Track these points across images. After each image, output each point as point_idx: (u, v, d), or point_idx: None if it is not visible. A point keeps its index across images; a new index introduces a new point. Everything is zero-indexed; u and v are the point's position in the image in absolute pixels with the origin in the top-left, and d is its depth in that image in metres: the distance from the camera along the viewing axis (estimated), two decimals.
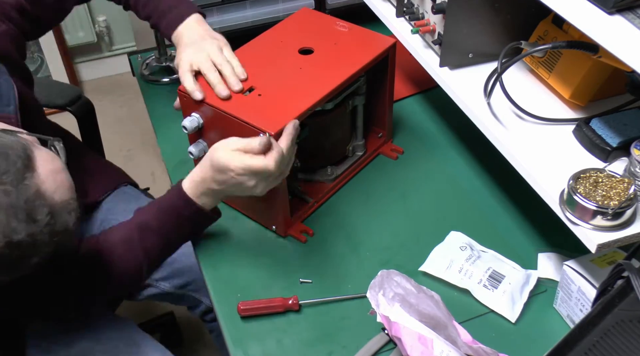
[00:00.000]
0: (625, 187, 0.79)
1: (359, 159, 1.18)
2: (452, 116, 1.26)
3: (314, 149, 1.12)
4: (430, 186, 1.15)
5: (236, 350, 0.91)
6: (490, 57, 1.04)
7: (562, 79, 0.95)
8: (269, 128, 0.92)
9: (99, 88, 2.78)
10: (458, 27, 0.99)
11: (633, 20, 0.66)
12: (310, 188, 1.13)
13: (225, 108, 0.96)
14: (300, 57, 1.07)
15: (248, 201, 1.08)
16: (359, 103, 1.12)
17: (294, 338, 0.92)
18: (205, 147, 1.04)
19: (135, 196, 1.28)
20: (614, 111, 0.93)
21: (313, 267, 1.02)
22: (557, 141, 0.92)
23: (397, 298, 0.85)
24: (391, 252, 1.04)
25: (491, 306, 0.94)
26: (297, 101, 0.97)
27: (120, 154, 2.33)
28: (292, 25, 1.15)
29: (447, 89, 1.03)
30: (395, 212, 1.11)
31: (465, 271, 0.96)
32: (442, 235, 1.04)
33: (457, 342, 0.82)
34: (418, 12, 1.09)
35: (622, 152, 0.87)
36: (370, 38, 1.10)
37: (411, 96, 1.36)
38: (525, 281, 0.96)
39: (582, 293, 0.86)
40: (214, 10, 1.40)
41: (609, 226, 0.78)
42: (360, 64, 1.04)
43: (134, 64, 1.48)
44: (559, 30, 0.94)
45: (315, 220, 1.09)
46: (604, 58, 0.86)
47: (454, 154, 1.21)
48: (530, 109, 0.94)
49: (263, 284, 1.00)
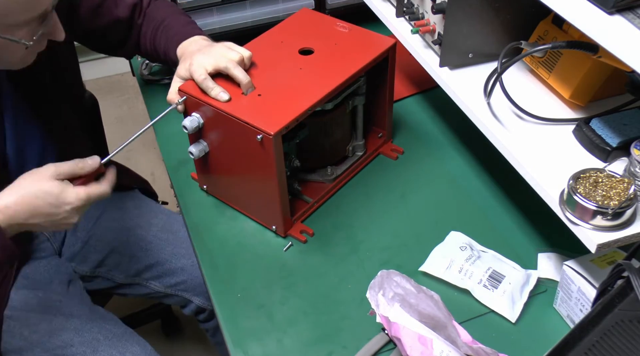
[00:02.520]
0: (625, 187, 0.79)
1: (359, 159, 1.18)
2: (452, 116, 1.26)
3: (314, 149, 1.12)
4: (430, 186, 1.15)
5: (236, 350, 0.91)
6: (490, 57, 1.04)
7: (562, 79, 0.95)
8: (268, 128, 0.92)
9: (99, 88, 2.78)
10: (458, 27, 0.99)
11: (633, 20, 0.66)
12: (310, 188, 1.13)
13: (225, 108, 0.96)
14: (300, 58, 1.07)
15: (248, 201, 1.08)
16: (359, 103, 1.12)
17: (294, 338, 0.92)
18: (206, 147, 1.04)
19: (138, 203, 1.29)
20: (614, 111, 0.93)
21: (313, 267, 1.02)
22: (557, 141, 0.92)
23: (397, 298, 0.85)
24: (391, 252, 1.04)
25: (491, 306, 0.94)
26: (297, 101, 0.97)
27: (120, 154, 2.32)
28: (292, 26, 1.15)
29: (447, 89, 1.03)
30: (395, 212, 1.11)
31: (465, 271, 0.96)
32: (442, 235, 1.04)
33: (457, 342, 0.82)
34: (418, 12, 1.09)
35: (622, 152, 0.87)
36: (370, 38, 1.10)
37: (411, 96, 1.36)
38: (525, 281, 0.96)
39: (582, 293, 0.86)
40: (214, 10, 1.40)
41: (609, 226, 0.78)
42: (360, 65, 1.04)
43: (134, 64, 1.48)
44: (559, 30, 0.94)
45: (315, 220, 1.09)
46: (604, 58, 0.86)
47: (454, 154, 1.22)
48: (530, 109, 0.94)
49: (263, 284, 1.00)
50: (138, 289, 1.26)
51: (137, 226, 1.24)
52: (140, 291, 1.27)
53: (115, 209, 1.24)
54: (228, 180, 1.08)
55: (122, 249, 1.23)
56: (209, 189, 1.14)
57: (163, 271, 1.23)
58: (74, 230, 1.23)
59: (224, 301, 0.98)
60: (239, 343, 0.92)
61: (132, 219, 1.24)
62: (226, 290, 0.99)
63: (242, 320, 0.95)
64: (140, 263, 1.23)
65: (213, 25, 1.41)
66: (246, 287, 0.99)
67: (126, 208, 1.26)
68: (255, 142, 0.93)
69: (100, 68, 2.81)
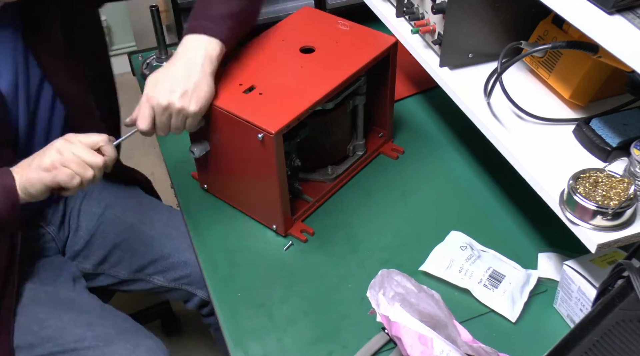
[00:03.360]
0: (625, 187, 0.79)
1: (360, 158, 1.18)
2: (452, 116, 1.26)
3: (314, 148, 1.12)
4: (430, 185, 1.15)
5: (236, 350, 0.91)
6: (490, 57, 1.04)
7: (562, 79, 0.95)
8: (269, 127, 0.92)
9: None
10: (458, 27, 0.99)
11: (633, 20, 0.66)
12: (310, 188, 1.13)
13: (226, 107, 0.96)
14: (301, 56, 1.07)
15: (249, 200, 1.08)
16: (360, 103, 1.12)
17: (294, 337, 0.92)
18: (207, 146, 1.04)
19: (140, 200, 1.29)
20: (614, 111, 0.94)
21: (313, 267, 1.02)
22: (557, 141, 0.92)
23: (397, 297, 0.86)
24: (391, 251, 1.04)
25: (491, 306, 0.94)
26: (298, 99, 0.97)
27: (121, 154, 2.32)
28: (294, 24, 1.15)
29: (447, 89, 1.03)
30: (395, 212, 1.11)
31: (465, 271, 0.97)
32: (442, 235, 1.04)
33: (457, 341, 0.82)
34: (418, 12, 1.09)
35: (622, 152, 0.87)
36: (372, 37, 1.10)
37: (411, 96, 1.36)
38: (526, 281, 0.96)
39: (582, 292, 0.86)
40: None
41: (609, 226, 0.78)
42: (361, 63, 1.04)
43: (134, 64, 1.48)
44: (559, 30, 0.94)
45: (316, 220, 1.09)
46: (604, 58, 0.86)
47: (454, 154, 1.22)
48: (530, 109, 0.94)
49: (263, 283, 1.00)
50: (141, 285, 1.26)
51: (139, 222, 1.24)
52: (143, 287, 1.26)
53: (117, 207, 1.24)
54: (228, 179, 1.08)
55: (125, 245, 1.23)
56: (209, 189, 1.14)
57: (166, 265, 1.23)
58: (76, 228, 1.23)
59: (224, 300, 0.98)
60: (239, 342, 0.92)
61: (135, 215, 1.24)
62: (226, 289, 0.99)
63: (242, 319, 0.95)
64: (143, 259, 1.23)
65: None
66: (246, 286, 0.99)
67: (128, 205, 1.26)
68: (256, 141, 0.93)
69: None
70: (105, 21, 2.65)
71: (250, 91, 0.99)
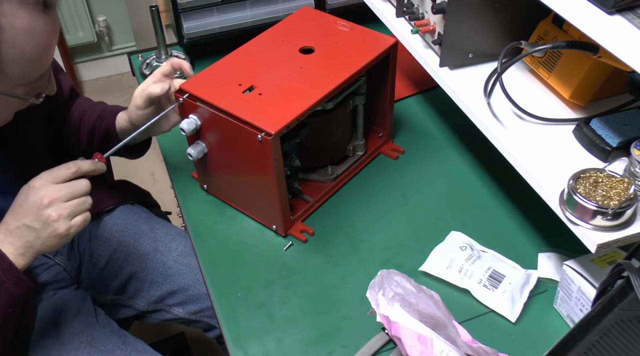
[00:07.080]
0: (625, 187, 0.79)
1: (360, 158, 1.18)
2: (452, 116, 1.26)
3: (314, 148, 1.12)
4: (430, 186, 1.15)
5: (236, 350, 0.91)
6: (490, 57, 1.04)
7: (562, 79, 0.95)
8: (269, 128, 0.92)
9: (99, 88, 2.78)
10: (458, 27, 0.99)
11: (633, 20, 0.66)
12: (310, 188, 1.13)
13: (225, 107, 0.96)
14: (300, 56, 1.07)
15: (249, 201, 1.08)
16: (360, 103, 1.12)
17: (294, 338, 0.92)
18: (204, 148, 1.04)
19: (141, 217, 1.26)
20: (614, 111, 0.94)
21: (313, 267, 1.02)
22: (557, 141, 0.92)
23: (397, 297, 0.86)
24: (391, 252, 1.04)
25: (491, 306, 0.94)
26: (297, 100, 0.97)
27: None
28: (293, 24, 1.15)
29: (447, 89, 1.03)
30: (395, 212, 1.11)
31: (465, 271, 0.97)
32: (442, 235, 1.04)
33: (457, 342, 0.82)
34: (418, 12, 1.09)
35: (622, 152, 0.87)
36: (371, 37, 1.10)
37: (411, 96, 1.36)
38: (525, 281, 0.96)
39: (582, 292, 0.86)
40: (214, 10, 1.40)
41: (609, 226, 0.78)
42: (361, 64, 1.04)
43: (134, 64, 1.48)
44: (559, 30, 0.94)
45: (316, 220, 1.09)
46: (604, 58, 0.86)
47: (454, 154, 1.22)
48: (530, 109, 0.94)
49: (263, 283, 1.00)
50: (162, 315, 1.22)
51: (155, 250, 1.20)
52: (164, 317, 1.23)
53: (130, 234, 1.20)
54: (228, 180, 1.08)
55: (142, 275, 1.19)
56: (209, 189, 1.14)
57: (186, 297, 1.19)
58: (89, 256, 1.19)
59: (224, 300, 0.98)
60: (239, 343, 0.92)
61: (150, 243, 1.20)
62: (226, 289, 0.99)
63: (242, 319, 0.95)
64: (162, 289, 1.19)
65: (213, 25, 1.41)
66: (246, 286, 0.99)
67: (142, 232, 1.21)
68: (256, 141, 0.93)
69: (100, 68, 2.81)
70: (105, 21, 2.65)
71: (250, 91, 0.99)
